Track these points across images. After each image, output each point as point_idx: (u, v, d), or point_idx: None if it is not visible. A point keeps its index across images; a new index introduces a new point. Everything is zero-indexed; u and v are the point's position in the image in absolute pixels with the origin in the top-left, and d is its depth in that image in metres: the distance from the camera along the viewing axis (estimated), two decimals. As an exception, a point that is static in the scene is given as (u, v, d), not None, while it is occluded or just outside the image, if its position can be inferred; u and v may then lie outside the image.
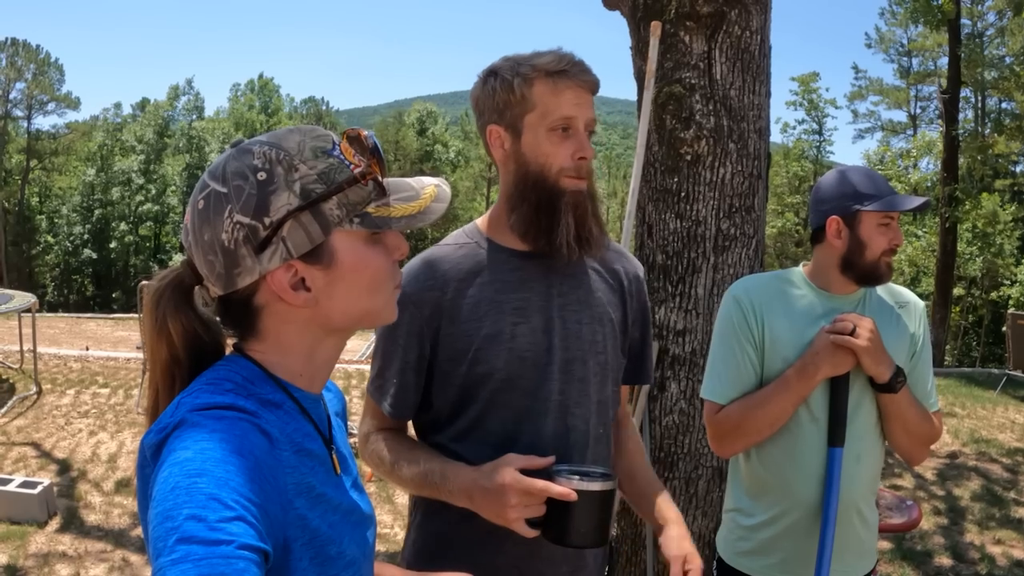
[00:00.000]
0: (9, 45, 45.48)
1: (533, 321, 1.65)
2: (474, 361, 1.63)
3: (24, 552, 5.13)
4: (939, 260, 21.74)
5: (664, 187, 3.65)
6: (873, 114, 37.41)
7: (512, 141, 1.65)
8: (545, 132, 1.61)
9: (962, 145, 22.39)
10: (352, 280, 1.03)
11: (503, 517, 1.43)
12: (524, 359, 1.63)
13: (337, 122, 65.86)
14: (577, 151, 1.61)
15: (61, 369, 11.27)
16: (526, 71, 1.60)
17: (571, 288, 1.71)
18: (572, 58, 1.62)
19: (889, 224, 2.07)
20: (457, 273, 1.67)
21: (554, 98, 1.60)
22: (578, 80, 1.60)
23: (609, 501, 1.44)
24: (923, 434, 2.09)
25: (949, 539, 5.54)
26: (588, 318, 1.71)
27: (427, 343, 1.66)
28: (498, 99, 1.64)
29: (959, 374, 13.89)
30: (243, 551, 0.79)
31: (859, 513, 2.10)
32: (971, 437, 8.26)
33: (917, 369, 2.13)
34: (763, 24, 3.60)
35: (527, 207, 1.64)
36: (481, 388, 1.64)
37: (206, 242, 0.99)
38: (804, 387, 2.00)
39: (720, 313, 2.19)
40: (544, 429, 1.64)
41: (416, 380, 1.68)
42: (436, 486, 1.58)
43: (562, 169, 1.61)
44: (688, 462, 3.64)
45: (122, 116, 54.85)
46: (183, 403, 0.95)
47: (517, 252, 1.68)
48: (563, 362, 1.66)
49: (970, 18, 25.26)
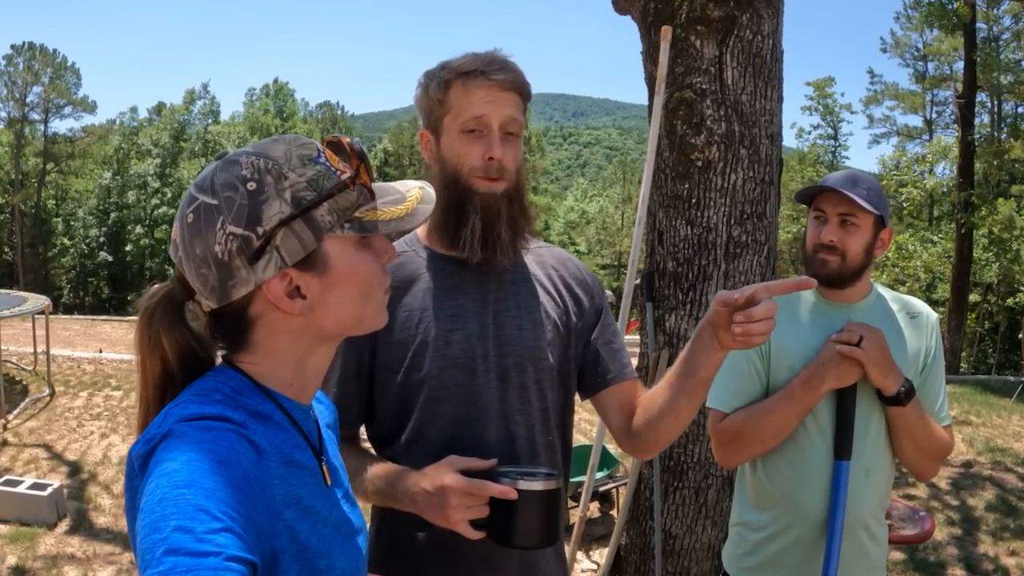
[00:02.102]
0: (26, 49, 45.89)
1: (468, 327, 1.63)
2: (409, 368, 1.62)
3: (33, 553, 5.16)
4: (955, 266, 21.61)
5: (675, 193, 3.62)
6: (889, 119, 37.32)
7: (435, 144, 1.66)
8: (457, 133, 1.60)
9: (978, 150, 22.26)
10: (346, 285, 1.03)
11: (446, 519, 1.41)
12: (458, 365, 1.62)
13: (352, 126, 66.26)
14: (487, 151, 1.58)
15: (74, 371, 11.33)
16: (443, 74, 1.61)
17: (509, 294, 1.68)
18: (491, 57, 1.60)
19: (820, 217, 2.04)
20: (393, 281, 1.64)
21: (465, 98, 1.58)
22: (493, 79, 1.57)
23: (554, 501, 1.42)
24: (933, 448, 2.04)
25: (963, 550, 5.48)
26: (529, 323, 1.68)
27: (365, 351, 1.65)
28: (424, 103, 1.66)
29: (975, 381, 13.79)
30: (231, 563, 0.78)
31: (867, 528, 2.05)
32: (986, 446, 8.18)
33: (928, 382, 2.07)
34: (775, 28, 3.57)
35: (440, 209, 1.62)
36: (416, 396, 1.62)
37: (198, 255, 0.98)
38: (809, 398, 1.97)
39: None
40: (486, 437, 1.62)
41: (358, 389, 1.67)
42: (383, 492, 1.56)
43: (472, 169, 1.59)
44: (698, 471, 3.61)
45: (138, 120, 55.19)
46: (171, 414, 0.94)
47: (453, 259, 1.66)
48: (500, 368, 1.64)
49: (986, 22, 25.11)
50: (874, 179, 2.07)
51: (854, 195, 1.95)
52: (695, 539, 3.64)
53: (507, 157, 1.60)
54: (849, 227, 2.00)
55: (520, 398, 1.65)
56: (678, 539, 3.66)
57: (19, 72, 45.90)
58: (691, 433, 3.60)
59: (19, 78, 45.93)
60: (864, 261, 2.02)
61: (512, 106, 1.61)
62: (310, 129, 55.90)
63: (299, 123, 56.74)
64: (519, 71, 1.62)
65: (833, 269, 2.01)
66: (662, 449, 1.89)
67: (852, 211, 1.99)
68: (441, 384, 1.61)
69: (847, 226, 2.00)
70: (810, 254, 2.05)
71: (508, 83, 1.59)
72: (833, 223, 2.01)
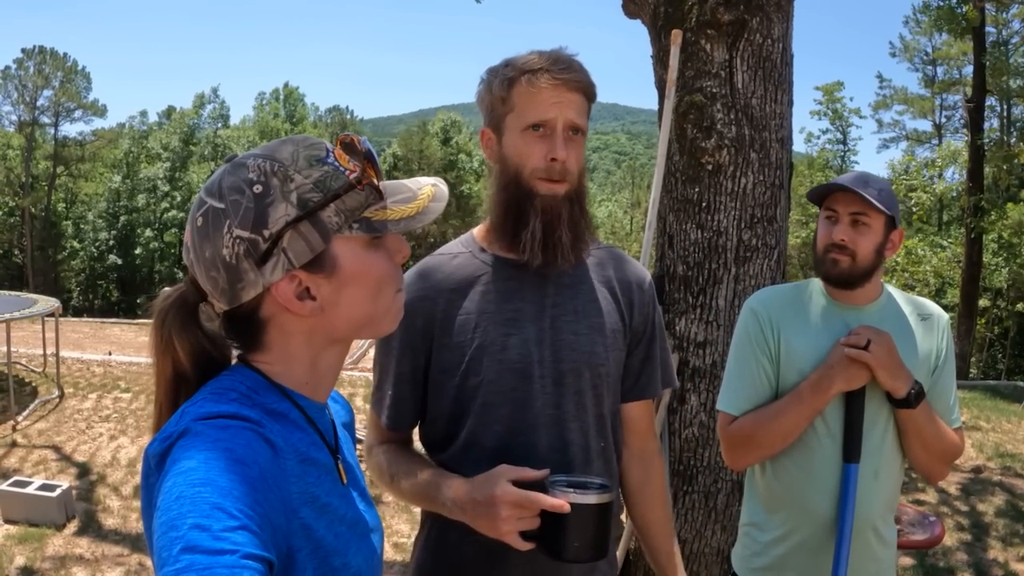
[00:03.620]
0: (37, 53, 46.09)
1: (525, 332, 1.61)
2: (466, 373, 1.60)
3: (41, 554, 5.17)
4: (964, 271, 21.51)
5: (685, 197, 3.62)
6: (898, 124, 37.24)
7: (497, 143, 1.63)
8: (520, 132, 1.56)
9: (987, 155, 22.15)
10: (356, 286, 1.03)
11: (496, 530, 1.38)
12: (514, 370, 1.60)
13: (362, 131, 66.24)
14: (550, 151, 1.54)
15: (84, 373, 11.36)
16: (507, 71, 1.57)
17: (567, 298, 1.65)
18: (556, 56, 1.56)
19: (831, 217, 2.03)
20: (450, 284, 1.64)
21: (530, 97, 1.55)
22: (558, 78, 1.54)
23: (606, 514, 1.38)
24: (943, 451, 2.03)
25: (972, 556, 5.45)
26: (586, 328, 1.65)
27: (421, 355, 1.64)
28: (487, 101, 1.62)
29: (984, 387, 13.72)
30: (247, 560, 0.78)
31: (875, 530, 2.05)
32: (996, 451, 8.14)
33: (939, 384, 2.06)
34: (785, 32, 3.57)
35: (500, 210, 1.61)
36: (472, 400, 1.61)
37: (207, 259, 0.99)
38: (818, 401, 1.96)
39: (738, 324, 2.16)
40: (538, 443, 1.60)
41: (412, 391, 1.66)
42: (431, 498, 1.55)
43: (534, 170, 1.56)
44: (707, 475, 3.60)
45: (148, 124, 55.42)
46: (187, 412, 0.95)
47: (511, 261, 1.64)
48: (556, 374, 1.61)
49: (995, 26, 24.99)
50: (885, 180, 2.07)
51: (866, 194, 1.94)
52: (704, 544, 3.63)
53: (570, 158, 1.57)
54: (860, 227, 1.99)
55: (576, 404, 1.63)
56: (687, 543, 3.65)
57: (30, 76, 46.09)
58: (700, 437, 3.59)
59: (30, 82, 46.11)
60: (875, 262, 2.01)
61: (576, 107, 1.57)
62: (319, 134, 55.77)
63: (309, 128, 56.76)
64: (585, 71, 1.59)
65: (844, 269, 2.00)
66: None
67: (864, 210, 1.98)
68: (497, 389, 1.59)
69: (858, 226, 1.99)
70: (821, 254, 2.04)
71: (574, 83, 1.56)
72: (844, 222, 2.00)
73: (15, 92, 46.20)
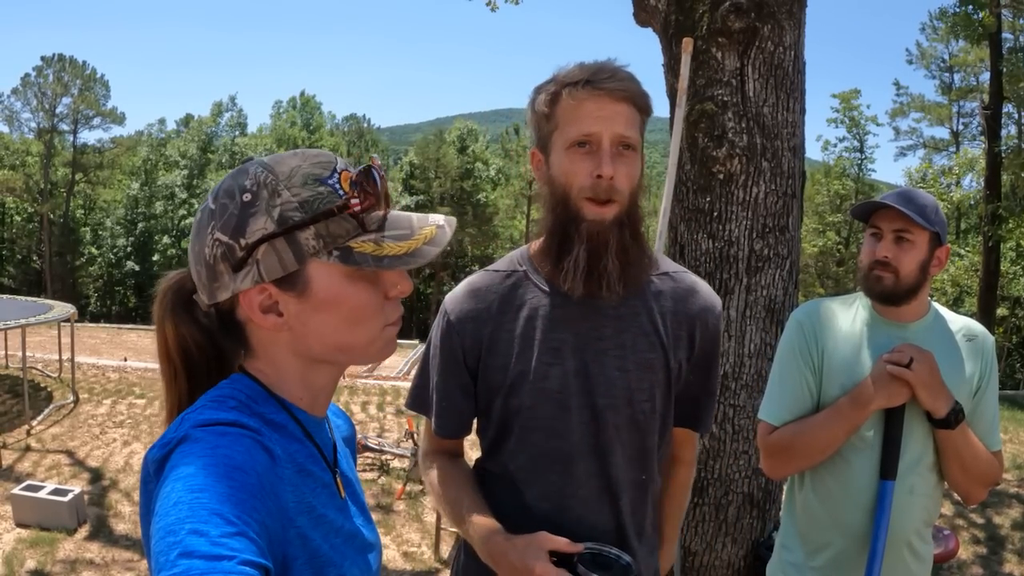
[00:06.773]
0: (56, 61, 46.56)
1: (567, 364, 1.56)
2: (508, 395, 1.59)
3: (52, 558, 5.20)
4: (982, 280, 21.36)
5: (696, 206, 3.61)
6: (915, 131, 36.98)
7: (545, 163, 1.55)
8: (565, 150, 1.48)
9: (1005, 162, 21.98)
10: (328, 312, 1.01)
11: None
12: (554, 400, 1.57)
13: (378, 139, 66.55)
14: (596, 168, 1.45)
15: (99, 379, 11.45)
16: (549, 86, 1.51)
17: (616, 331, 1.57)
18: (599, 66, 1.47)
19: (875, 234, 2.02)
20: (500, 305, 1.61)
21: (573, 111, 1.46)
22: (601, 88, 1.44)
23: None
24: (980, 473, 2.00)
25: (988, 569, 5.39)
26: (633, 365, 1.57)
27: (465, 373, 1.63)
28: (533, 120, 1.56)
29: (1002, 397, 13.57)
30: (244, 567, 0.78)
31: (910, 547, 2.03)
32: (1012, 463, 8.06)
33: (980, 406, 2.03)
34: (796, 40, 3.55)
35: (546, 234, 1.56)
36: (513, 423, 1.60)
37: (195, 253, 1.02)
38: (857, 416, 1.95)
39: (783, 335, 2.16)
40: (575, 473, 1.58)
41: (462, 404, 1.65)
42: (469, 536, 1.56)
43: (580, 190, 1.47)
44: (718, 488, 3.58)
45: (166, 131, 55.88)
46: (187, 419, 0.95)
47: (559, 288, 1.57)
48: (596, 408, 1.57)
49: (1012, 32, 24.79)
50: (931, 196, 2.05)
51: (908, 211, 1.94)
52: (715, 556, 3.61)
53: (619, 176, 1.46)
54: (904, 244, 1.98)
55: (615, 439, 1.59)
56: (698, 556, 3.62)
57: (49, 83, 46.57)
58: (712, 449, 3.57)
59: (49, 89, 46.58)
60: (919, 279, 1.99)
61: (625, 119, 1.47)
62: (336, 142, 56.23)
63: (325, 136, 57.11)
64: (633, 80, 1.49)
65: (887, 286, 1.99)
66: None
67: (907, 227, 1.97)
68: (534, 416, 1.58)
69: (902, 243, 1.98)
70: (865, 271, 2.03)
71: (619, 93, 1.46)
72: (888, 239, 1.99)
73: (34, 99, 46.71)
